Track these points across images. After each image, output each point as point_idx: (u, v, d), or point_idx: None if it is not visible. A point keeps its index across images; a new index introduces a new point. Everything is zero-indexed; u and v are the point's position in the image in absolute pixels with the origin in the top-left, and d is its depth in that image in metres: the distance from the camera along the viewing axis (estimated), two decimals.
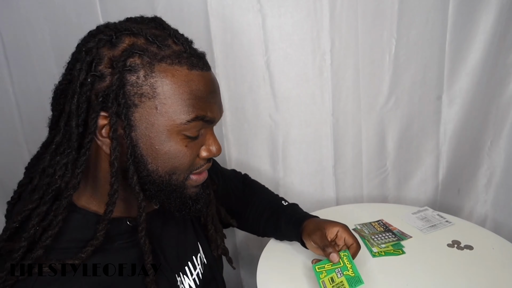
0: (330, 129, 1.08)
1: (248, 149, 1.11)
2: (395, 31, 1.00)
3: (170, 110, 0.47)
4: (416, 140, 1.13)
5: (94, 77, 0.46)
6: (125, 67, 0.46)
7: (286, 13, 0.98)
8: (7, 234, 0.45)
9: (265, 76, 1.03)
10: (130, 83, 0.46)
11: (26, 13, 0.96)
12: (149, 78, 0.46)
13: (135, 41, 0.47)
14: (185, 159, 0.50)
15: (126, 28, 0.48)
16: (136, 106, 0.47)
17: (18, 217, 0.45)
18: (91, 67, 0.46)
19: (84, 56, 0.46)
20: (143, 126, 0.47)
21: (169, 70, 0.47)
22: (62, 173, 0.46)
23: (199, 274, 0.62)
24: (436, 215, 0.91)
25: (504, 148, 1.10)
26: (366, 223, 0.90)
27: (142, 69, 0.46)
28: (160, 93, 0.47)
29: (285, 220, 0.79)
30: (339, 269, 0.65)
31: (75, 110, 0.46)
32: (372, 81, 1.05)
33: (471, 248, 0.77)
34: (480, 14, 0.99)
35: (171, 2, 0.96)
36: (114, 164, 0.47)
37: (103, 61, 0.46)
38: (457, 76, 1.05)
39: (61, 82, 0.49)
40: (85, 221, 0.49)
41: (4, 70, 1.00)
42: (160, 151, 0.48)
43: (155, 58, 0.47)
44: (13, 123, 1.04)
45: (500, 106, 1.07)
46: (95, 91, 0.46)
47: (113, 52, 0.47)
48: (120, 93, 0.45)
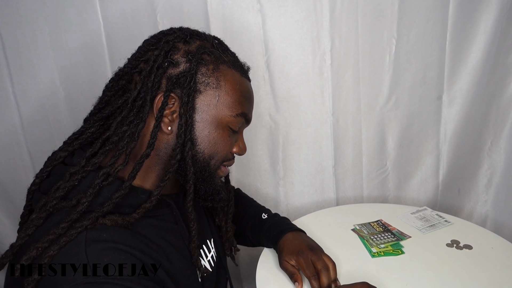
0: (330, 129, 1.08)
1: (248, 149, 1.10)
2: (395, 31, 1.00)
3: (226, 102, 0.57)
4: (416, 140, 1.12)
5: (170, 63, 0.54)
6: (200, 59, 0.55)
7: (286, 13, 0.98)
8: (63, 192, 0.49)
9: (265, 76, 1.03)
10: (201, 72, 0.55)
11: (26, 13, 0.96)
12: (216, 72, 0.56)
13: (204, 44, 0.57)
14: (226, 147, 0.59)
15: (198, 34, 0.59)
16: (200, 93, 0.55)
17: (76, 176, 0.49)
18: (167, 55, 0.54)
19: (162, 46, 0.54)
20: (202, 111, 0.56)
21: (229, 71, 0.58)
22: (128, 140, 0.52)
23: (213, 257, 0.68)
24: (435, 215, 0.91)
25: (504, 148, 1.09)
26: (365, 223, 0.90)
27: (211, 64, 0.56)
28: (222, 85, 0.57)
29: (265, 235, 0.80)
30: None
31: (150, 88, 0.53)
32: (372, 81, 1.05)
33: (470, 248, 0.77)
34: (481, 14, 0.98)
35: (171, 2, 0.96)
36: (181, 136, 0.54)
37: (179, 52, 0.55)
38: (457, 76, 1.05)
39: (127, 66, 0.57)
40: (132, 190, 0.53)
41: (4, 70, 1.00)
42: (210, 135, 0.57)
43: (220, 59, 0.57)
44: (13, 123, 1.04)
45: (500, 106, 1.07)
46: (167, 74, 0.54)
47: (188, 47, 0.56)
48: (193, 78, 0.54)
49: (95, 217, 0.47)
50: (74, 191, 0.50)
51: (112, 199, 0.49)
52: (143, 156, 0.52)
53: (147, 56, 0.55)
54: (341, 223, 0.91)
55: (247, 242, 0.88)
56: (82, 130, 0.57)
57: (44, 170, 0.54)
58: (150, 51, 0.56)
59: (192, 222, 0.57)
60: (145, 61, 0.55)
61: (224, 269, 0.72)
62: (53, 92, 1.01)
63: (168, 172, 0.54)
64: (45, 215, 0.48)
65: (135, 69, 0.56)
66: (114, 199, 0.49)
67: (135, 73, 0.56)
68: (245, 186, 1.14)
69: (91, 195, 0.48)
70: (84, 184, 0.50)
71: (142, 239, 0.51)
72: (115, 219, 0.49)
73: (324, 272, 0.65)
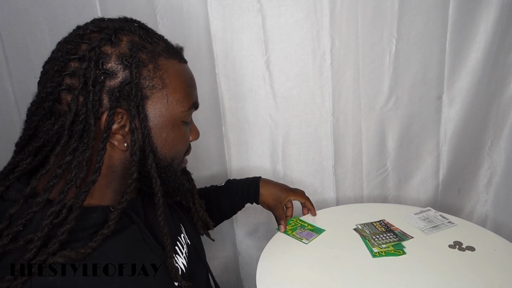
0: (330, 129, 1.08)
1: (248, 149, 1.11)
2: (395, 31, 1.00)
3: (175, 99, 0.52)
4: (417, 140, 1.12)
5: (106, 75, 0.47)
6: (138, 62, 0.48)
7: (286, 12, 0.98)
8: (9, 238, 0.43)
9: (265, 76, 1.03)
10: (143, 76, 0.49)
11: (25, 13, 0.96)
12: (158, 71, 0.50)
13: (132, 39, 0.50)
14: (185, 143, 0.57)
15: (120, 26, 0.50)
16: (148, 98, 0.50)
17: (20, 221, 0.44)
18: (98, 65, 0.47)
19: (88, 55, 0.47)
20: (154, 116, 0.51)
21: (169, 63, 0.52)
22: (77, 171, 0.47)
23: (186, 253, 0.64)
24: (438, 215, 0.91)
25: (504, 148, 1.10)
26: (367, 223, 0.89)
27: (149, 63, 0.50)
28: (168, 84, 0.51)
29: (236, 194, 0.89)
30: (300, 228, 0.88)
31: (91, 109, 0.46)
32: (372, 81, 1.05)
33: (473, 249, 0.77)
34: (481, 13, 0.99)
35: (171, 2, 0.96)
36: (136, 154, 0.49)
37: (110, 58, 0.47)
38: (457, 75, 1.05)
39: (49, 84, 0.48)
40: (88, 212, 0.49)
41: (3, 70, 1.00)
42: (168, 138, 0.53)
43: (154, 53, 0.50)
44: (12, 123, 1.04)
45: (500, 106, 1.07)
46: (106, 88, 0.47)
47: (118, 49, 0.48)
48: (138, 86, 0.48)
49: (43, 260, 0.42)
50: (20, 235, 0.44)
51: (57, 236, 0.43)
52: (88, 184, 0.47)
53: (71, 69, 0.47)
54: (343, 222, 0.90)
55: (226, 212, 0.92)
56: (17, 161, 0.50)
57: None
58: (72, 61, 0.47)
59: (165, 236, 0.53)
60: (70, 75, 0.47)
61: (202, 261, 0.70)
62: None
63: (125, 193, 0.49)
64: None
65: (61, 87, 0.47)
66: (60, 235, 0.43)
67: (63, 91, 0.47)
68: None
69: (39, 240, 0.42)
70: (33, 224, 0.44)
71: (101, 272, 0.45)
72: (67, 255, 0.43)
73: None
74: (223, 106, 1.05)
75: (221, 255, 1.23)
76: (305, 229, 0.87)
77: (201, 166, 1.11)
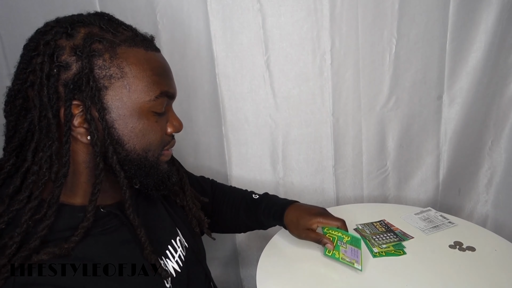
0: (330, 129, 1.08)
1: (248, 149, 1.10)
2: (395, 31, 1.00)
3: (139, 88, 0.51)
4: (417, 140, 1.12)
5: (59, 67, 0.47)
6: (91, 52, 0.48)
7: (286, 12, 0.98)
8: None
9: (265, 76, 1.03)
10: (98, 66, 0.48)
11: (25, 13, 0.96)
12: (114, 60, 0.49)
13: (91, 30, 0.50)
14: (157, 135, 0.54)
15: (79, 19, 0.50)
16: (106, 89, 0.49)
17: (2, 219, 0.44)
18: (53, 58, 0.47)
19: (43, 50, 0.47)
20: (116, 107, 0.50)
21: (130, 52, 0.51)
22: (48, 165, 0.47)
23: (181, 257, 0.63)
24: (439, 216, 0.91)
25: (505, 148, 1.09)
26: (368, 223, 0.89)
27: (106, 52, 0.49)
28: (127, 72, 0.50)
29: (263, 214, 0.81)
30: (339, 241, 0.75)
31: (47, 102, 0.46)
32: (372, 81, 1.05)
33: (473, 250, 0.77)
34: (481, 13, 0.98)
35: (171, 2, 0.96)
36: (97, 144, 0.48)
37: (64, 51, 0.48)
38: (457, 75, 1.05)
39: (16, 82, 0.49)
40: (66, 211, 0.49)
41: (3, 70, 1.00)
42: (134, 130, 0.51)
43: (114, 42, 0.50)
44: None
45: (501, 106, 1.07)
46: (61, 81, 0.47)
47: (72, 41, 0.48)
48: (91, 77, 0.47)
49: (26, 256, 0.42)
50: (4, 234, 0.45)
51: (37, 233, 0.44)
52: (60, 178, 0.47)
53: (32, 66, 0.48)
54: None
55: (241, 227, 0.87)
56: (1, 164, 0.50)
57: None
58: (33, 58, 0.48)
59: (138, 229, 0.53)
60: (32, 71, 0.48)
61: (201, 264, 0.69)
62: None
63: (96, 184, 0.49)
64: None
65: (26, 84, 0.48)
66: (40, 231, 0.44)
67: (28, 88, 0.48)
68: (245, 186, 1.13)
69: (19, 235, 0.43)
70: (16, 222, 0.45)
71: (86, 268, 0.46)
72: (51, 251, 0.44)
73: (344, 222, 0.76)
74: (223, 106, 1.05)
75: (221, 255, 1.23)
76: (345, 242, 0.74)
77: (201, 166, 1.11)
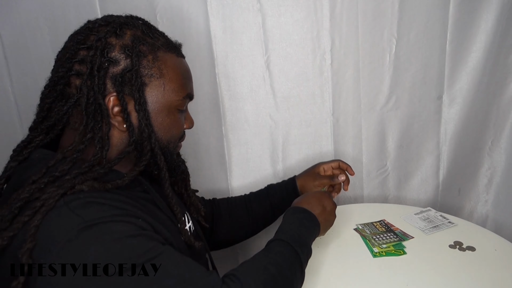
0: (330, 129, 1.08)
1: (248, 149, 1.10)
2: (395, 31, 1.00)
3: (172, 88, 0.59)
4: (417, 140, 1.12)
5: (109, 62, 0.54)
6: (139, 52, 0.55)
7: (286, 12, 0.98)
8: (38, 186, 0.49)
9: (265, 76, 1.03)
10: (143, 65, 0.56)
11: (25, 13, 0.96)
12: (156, 62, 0.57)
13: (136, 33, 0.57)
14: (179, 129, 0.63)
15: (125, 22, 0.58)
16: (146, 85, 0.56)
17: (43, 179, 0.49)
18: (103, 53, 0.53)
19: (95, 45, 0.54)
20: (152, 101, 0.57)
21: (167, 56, 0.59)
22: (101, 145, 0.54)
23: (190, 228, 0.71)
24: (439, 216, 0.91)
25: (505, 148, 1.09)
26: (368, 223, 0.89)
27: (149, 54, 0.57)
28: (165, 74, 0.58)
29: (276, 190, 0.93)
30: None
31: (98, 91, 0.53)
32: (372, 81, 1.05)
33: (473, 250, 0.77)
34: (481, 13, 0.98)
35: (171, 2, 0.96)
36: (145, 131, 0.56)
37: (114, 48, 0.55)
38: (457, 75, 1.05)
39: (59, 69, 0.55)
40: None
41: (3, 70, 1.00)
42: (163, 122, 0.59)
43: (155, 46, 0.58)
44: (12, 123, 1.04)
45: (501, 106, 1.07)
46: (109, 74, 0.54)
47: (122, 41, 0.55)
48: (138, 74, 0.54)
49: (71, 185, 0.49)
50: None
51: (85, 174, 0.51)
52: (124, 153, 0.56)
53: (80, 57, 0.54)
54: (343, 222, 0.90)
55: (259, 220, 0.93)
56: (30, 139, 0.57)
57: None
58: (81, 50, 0.55)
59: (175, 206, 0.61)
60: (79, 62, 0.54)
61: (203, 241, 0.74)
62: None
63: (142, 161, 0.57)
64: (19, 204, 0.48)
65: (71, 72, 0.55)
66: (87, 176, 0.51)
67: (72, 76, 0.55)
68: (245, 186, 1.13)
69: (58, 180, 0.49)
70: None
71: (122, 201, 0.53)
72: (91, 184, 0.50)
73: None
74: (223, 106, 1.05)
75: (221, 255, 1.22)
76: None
77: (201, 166, 1.11)
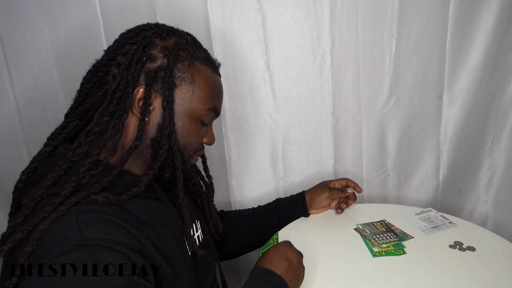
0: (330, 129, 1.08)
1: (248, 149, 1.10)
2: (395, 31, 1.00)
3: (199, 97, 0.61)
4: (417, 140, 1.12)
5: (148, 57, 0.57)
6: (177, 55, 0.58)
7: (286, 12, 0.98)
8: (50, 181, 0.51)
9: (265, 76, 1.03)
10: (177, 68, 0.58)
11: (25, 13, 0.96)
12: (191, 68, 0.60)
13: (180, 40, 0.60)
14: (197, 138, 0.63)
15: (173, 30, 0.62)
16: (176, 87, 0.58)
17: (62, 166, 0.52)
18: (145, 49, 0.57)
19: (140, 41, 0.57)
20: (178, 103, 0.59)
21: (202, 67, 0.62)
22: (114, 131, 0.55)
23: (199, 237, 0.72)
24: (439, 216, 0.91)
25: (505, 148, 1.09)
26: (368, 223, 0.89)
27: (186, 60, 0.60)
28: (196, 81, 0.60)
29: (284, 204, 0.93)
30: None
31: (130, 80, 0.55)
32: (372, 81, 1.05)
33: (473, 250, 0.76)
34: (481, 13, 0.99)
35: (171, 2, 0.96)
36: (167, 128, 0.57)
37: (156, 47, 0.58)
38: (457, 75, 1.05)
39: (105, 58, 0.59)
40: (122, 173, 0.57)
41: (3, 70, 1.00)
42: (184, 126, 0.60)
43: (194, 55, 0.61)
44: (12, 123, 1.04)
45: (501, 106, 1.07)
46: (145, 68, 0.57)
47: (164, 43, 0.59)
48: (171, 73, 0.57)
49: (86, 195, 0.50)
50: (61, 181, 0.52)
51: (101, 182, 0.52)
52: (131, 148, 0.56)
53: (125, 50, 0.58)
54: (343, 222, 0.90)
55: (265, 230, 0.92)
56: (64, 125, 0.59)
57: (30, 166, 0.56)
58: (127, 44, 0.58)
59: (184, 208, 0.61)
60: (123, 54, 0.58)
61: (212, 250, 0.76)
62: (53, 92, 1.01)
63: (157, 161, 0.58)
64: (33, 203, 0.50)
65: (113, 62, 0.58)
66: (104, 182, 0.53)
67: (113, 65, 0.58)
68: (245, 186, 1.13)
69: (75, 181, 0.51)
70: (71, 174, 0.52)
71: (131, 215, 0.54)
72: (106, 196, 0.52)
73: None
74: (223, 106, 1.05)
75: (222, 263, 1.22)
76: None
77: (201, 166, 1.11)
